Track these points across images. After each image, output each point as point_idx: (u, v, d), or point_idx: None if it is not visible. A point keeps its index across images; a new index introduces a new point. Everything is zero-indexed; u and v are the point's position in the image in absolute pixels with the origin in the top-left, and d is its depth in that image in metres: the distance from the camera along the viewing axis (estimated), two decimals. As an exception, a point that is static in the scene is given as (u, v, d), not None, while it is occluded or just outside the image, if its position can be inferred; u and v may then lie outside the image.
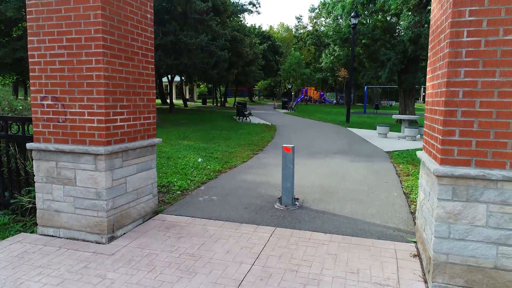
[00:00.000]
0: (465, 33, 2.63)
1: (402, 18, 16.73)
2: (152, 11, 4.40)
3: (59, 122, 3.79)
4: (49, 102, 3.80)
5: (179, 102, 47.67)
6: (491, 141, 2.66)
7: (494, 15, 2.56)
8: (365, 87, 36.03)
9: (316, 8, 58.60)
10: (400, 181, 6.53)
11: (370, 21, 21.79)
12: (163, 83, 43.35)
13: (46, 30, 3.72)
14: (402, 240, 3.85)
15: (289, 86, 61.18)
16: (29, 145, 3.91)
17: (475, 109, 2.67)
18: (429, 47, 3.48)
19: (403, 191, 5.84)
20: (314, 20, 60.76)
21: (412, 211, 4.84)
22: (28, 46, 3.80)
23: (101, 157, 3.65)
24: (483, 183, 2.68)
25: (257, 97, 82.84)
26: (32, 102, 3.87)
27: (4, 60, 16.31)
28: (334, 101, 67.55)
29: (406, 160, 8.32)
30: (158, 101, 46.55)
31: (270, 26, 77.08)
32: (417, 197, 5.33)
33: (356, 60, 23.06)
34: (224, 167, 7.50)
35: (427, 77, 3.48)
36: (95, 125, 3.66)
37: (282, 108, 38.47)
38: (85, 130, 3.70)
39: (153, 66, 4.46)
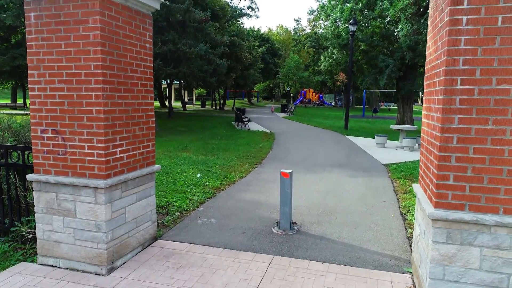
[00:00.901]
0: (459, 81, 2.68)
1: (400, 25, 16.82)
2: (151, 40, 4.45)
3: (59, 154, 3.82)
4: (49, 134, 3.84)
5: (178, 104, 47.75)
6: (484, 187, 2.71)
7: (487, 65, 2.61)
8: (364, 91, 36.09)
9: (315, 11, 58.74)
10: (397, 199, 6.58)
11: (369, 26, 21.86)
12: (162, 86, 43.40)
13: (46, 64, 3.75)
14: (398, 271, 3.89)
15: (288, 89, 61.33)
16: (29, 177, 3.95)
17: (469, 155, 2.72)
18: (424, 83, 3.53)
19: (400, 211, 5.89)
20: (313, 23, 60.89)
21: (409, 235, 4.89)
22: (29, 79, 3.84)
23: (101, 190, 3.70)
24: (477, 228, 2.74)
25: (256, 98, 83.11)
26: (32, 134, 3.91)
27: (3, 68, 16.34)
28: (333, 103, 67.80)
29: (404, 175, 8.38)
30: (157, 104, 46.61)
31: (269, 29, 77.28)
32: (413, 218, 5.39)
33: (354, 65, 23.13)
34: (222, 183, 7.54)
35: (423, 112, 3.53)
36: (95, 158, 3.70)
37: (281, 112, 38.58)
38: (85, 163, 3.74)
39: (152, 95, 4.50)
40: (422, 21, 18.00)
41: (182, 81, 26.60)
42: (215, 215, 5.60)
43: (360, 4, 20.61)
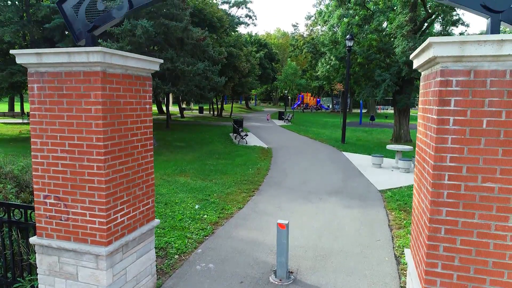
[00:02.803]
0: (446, 177, 2.81)
1: (396, 42, 16.99)
2: (151, 100, 4.56)
3: (61, 220, 3.93)
4: (52, 201, 3.94)
5: (176, 110, 47.79)
6: (471, 276, 2.84)
7: (473, 163, 2.74)
8: (361, 102, 36.26)
9: (312, 16, 58.99)
10: (392, 237, 6.71)
11: (366, 38, 21.99)
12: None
13: (49, 134, 3.86)
14: (391, 331, 4.02)
15: (285, 92, 61.49)
16: (32, 240, 4.05)
17: (456, 246, 2.85)
18: (416, 157, 3.66)
19: (394, 253, 6.02)
20: (311, 28, 61.09)
21: (402, 285, 5.01)
22: (32, 147, 3.95)
23: (102, 257, 3.80)
24: (464, 314, 2.86)
25: (253, 101, 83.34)
26: (35, 199, 4.02)
27: (1, 85, 16.39)
28: (330, 106, 68.09)
29: (399, 205, 8.51)
30: (154, 109, 46.63)
31: (267, 32, 77.42)
32: (406, 262, 5.51)
33: (352, 78, 23.30)
34: (220, 216, 7.65)
35: (414, 191, 3.66)
36: (96, 226, 3.80)
37: (279, 119, 38.71)
38: (86, 230, 3.85)
39: (152, 153, 4.62)
40: (418, 35, 18.17)
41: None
42: (213, 259, 5.71)
43: (357, 18, 20.76)
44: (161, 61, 4.56)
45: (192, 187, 9.81)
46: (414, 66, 3.56)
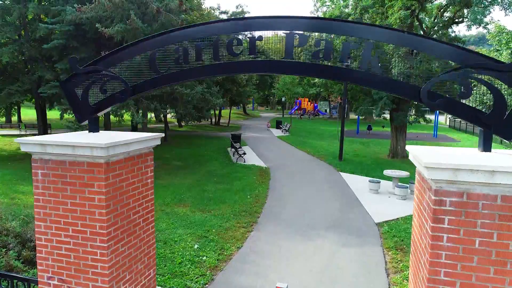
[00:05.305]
0: (442, 273, 2.92)
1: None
2: (152, 173, 4.64)
3: (65, 301, 4.00)
4: (56, 282, 4.02)
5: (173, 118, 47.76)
6: None
7: (466, 279, 2.85)
8: (357, 116, 36.40)
9: (310, 22, 59.03)
10: (389, 284, 6.82)
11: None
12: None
13: (53, 218, 3.93)
14: None
15: (283, 99, 61.62)
16: (36, 319, 4.13)
17: None
18: (410, 252, 3.76)
19: (391, 305, 6.13)
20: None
21: None
22: (36, 229, 4.02)
23: None
24: None
25: (251, 105, 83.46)
26: (39, 279, 4.09)
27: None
28: (327, 111, 68.34)
29: (395, 243, 8.62)
30: (153, 117, 46.55)
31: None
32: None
33: (349, 93, 23.48)
34: (219, 259, 7.73)
35: (409, 277, 3.75)
36: (100, 310, 3.88)
37: (276, 128, 38.84)
38: (90, 312, 3.93)
39: (153, 224, 4.70)
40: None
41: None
42: (213, 315, 5.80)
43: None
44: (162, 135, 4.64)
45: (191, 221, 9.88)
46: (411, 158, 3.66)
